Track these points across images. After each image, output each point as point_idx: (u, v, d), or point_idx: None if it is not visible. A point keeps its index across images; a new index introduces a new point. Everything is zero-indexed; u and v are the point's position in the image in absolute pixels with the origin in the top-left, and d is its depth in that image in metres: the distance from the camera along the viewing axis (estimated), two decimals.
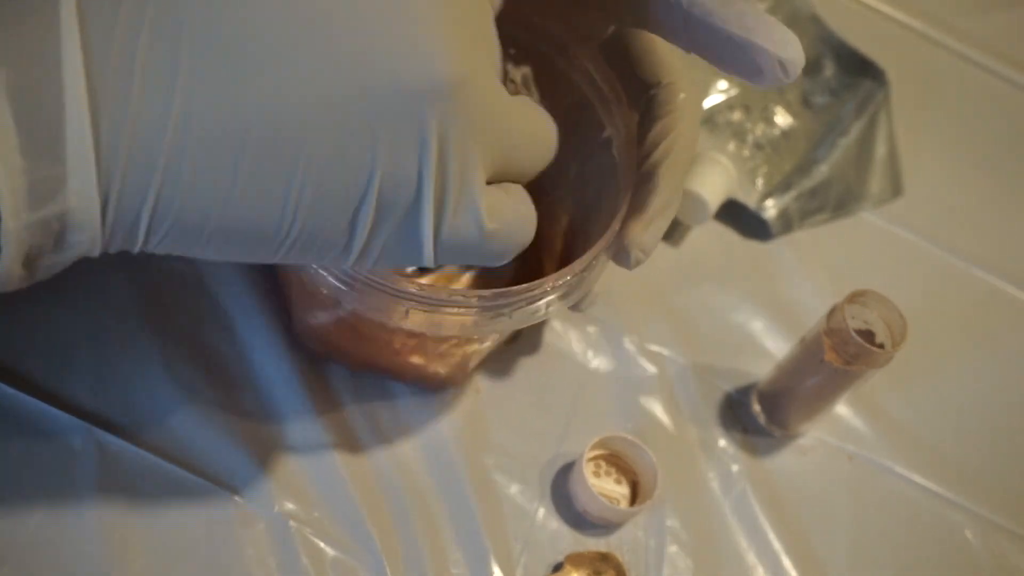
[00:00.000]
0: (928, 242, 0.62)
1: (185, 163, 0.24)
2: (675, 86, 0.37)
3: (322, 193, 0.25)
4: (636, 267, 0.37)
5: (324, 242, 0.26)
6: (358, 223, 0.26)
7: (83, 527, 0.42)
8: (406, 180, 0.26)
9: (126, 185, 0.24)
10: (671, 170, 0.37)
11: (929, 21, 0.72)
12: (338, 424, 0.48)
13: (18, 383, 0.44)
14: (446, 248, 0.27)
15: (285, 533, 0.44)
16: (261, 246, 0.26)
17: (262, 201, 0.25)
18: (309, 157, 0.25)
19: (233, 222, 0.25)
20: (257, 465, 0.45)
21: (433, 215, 0.26)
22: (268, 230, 0.26)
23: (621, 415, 0.52)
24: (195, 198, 0.24)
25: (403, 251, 0.27)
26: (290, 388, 0.48)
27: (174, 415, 0.46)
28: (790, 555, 0.50)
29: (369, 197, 0.26)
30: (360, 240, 0.26)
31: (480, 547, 0.46)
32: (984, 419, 0.57)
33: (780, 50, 0.31)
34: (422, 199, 0.26)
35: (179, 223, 0.25)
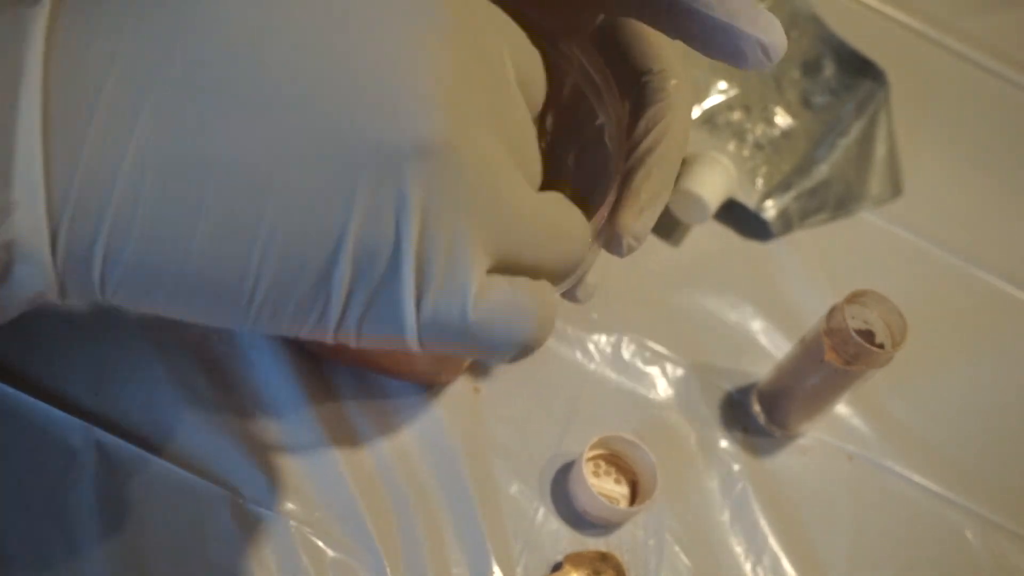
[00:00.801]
0: (928, 242, 0.62)
1: (139, 209, 0.23)
2: (666, 73, 0.37)
3: (289, 253, 0.24)
4: (628, 255, 0.37)
5: (296, 308, 0.25)
6: (332, 287, 0.24)
7: (83, 527, 0.42)
8: (384, 244, 0.24)
9: (76, 222, 0.23)
10: (663, 157, 0.37)
11: (929, 21, 0.72)
12: (338, 424, 0.48)
13: (18, 383, 0.44)
14: (432, 326, 0.25)
15: (285, 533, 0.44)
16: (229, 304, 0.25)
17: (223, 253, 0.24)
18: (274, 214, 0.24)
19: (193, 272, 0.24)
20: (257, 465, 0.45)
21: (414, 287, 0.25)
22: (230, 290, 0.24)
23: (621, 415, 0.52)
24: (150, 247, 0.23)
25: (386, 322, 0.25)
26: (289, 388, 0.48)
27: (174, 415, 0.46)
28: (790, 555, 0.50)
29: (341, 260, 0.24)
30: (336, 305, 0.25)
31: (480, 547, 0.46)
32: (984, 419, 0.57)
33: (762, 33, 0.31)
34: (401, 267, 0.24)
35: (135, 268, 0.24)
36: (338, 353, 0.48)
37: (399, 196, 0.24)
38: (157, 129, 0.23)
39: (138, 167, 0.23)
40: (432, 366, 0.47)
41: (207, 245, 0.24)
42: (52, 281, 0.24)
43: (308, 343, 0.48)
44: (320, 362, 0.49)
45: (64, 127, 0.23)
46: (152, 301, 0.25)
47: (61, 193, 0.23)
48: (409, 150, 0.24)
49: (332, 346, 0.47)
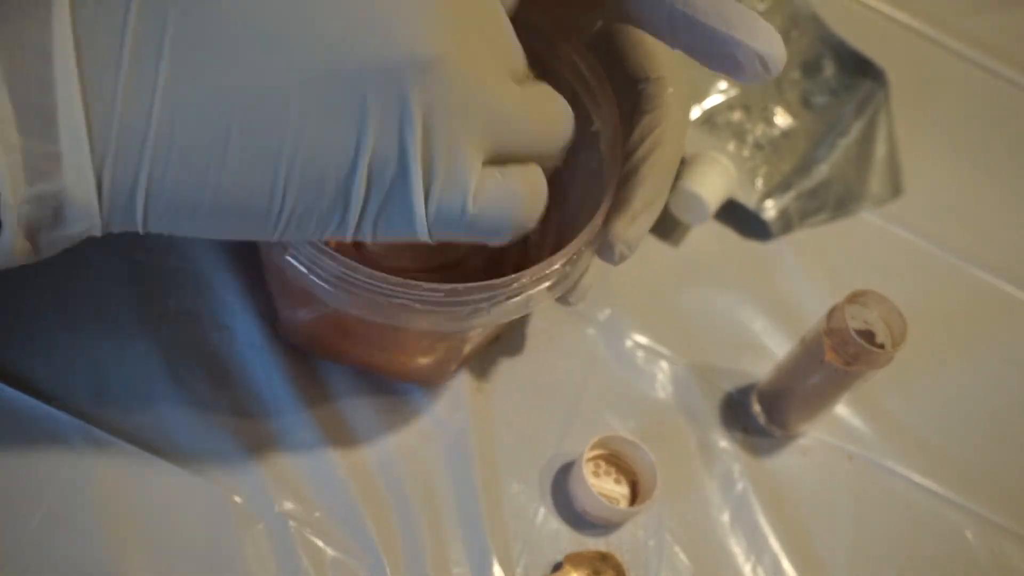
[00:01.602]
0: (928, 242, 0.62)
1: (174, 142, 0.25)
2: (664, 80, 0.37)
3: (311, 168, 0.26)
4: (621, 262, 0.37)
5: (319, 215, 0.27)
6: (351, 196, 0.27)
7: (83, 527, 0.42)
8: (393, 153, 0.27)
9: (119, 163, 0.25)
10: (658, 165, 0.37)
11: (929, 21, 0.72)
12: (337, 424, 0.48)
13: (18, 383, 0.44)
14: (438, 221, 0.28)
15: (285, 533, 0.44)
16: (258, 222, 0.27)
17: (252, 178, 0.26)
18: (295, 134, 0.26)
19: (227, 199, 0.26)
20: (256, 465, 0.45)
21: (422, 188, 0.27)
22: (262, 206, 0.26)
23: (621, 415, 0.52)
24: (186, 176, 0.25)
25: (398, 221, 0.28)
26: (289, 388, 0.48)
27: (173, 415, 0.46)
28: (790, 555, 0.50)
29: (358, 170, 0.26)
30: (354, 212, 0.27)
31: (481, 546, 0.46)
32: (984, 419, 0.57)
33: (761, 46, 0.31)
34: (409, 172, 0.27)
35: (174, 200, 0.26)
36: (338, 354, 0.48)
37: (403, 108, 0.26)
38: (180, 67, 0.25)
39: (168, 107, 0.25)
40: (429, 366, 0.47)
41: (237, 172, 0.26)
42: (98, 221, 0.26)
43: (295, 340, 0.48)
44: (319, 361, 0.49)
45: (97, 74, 0.24)
46: (189, 228, 0.27)
47: (102, 139, 0.25)
48: (408, 65, 0.26)
49: (331, 347, 0.47)
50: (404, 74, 0.26)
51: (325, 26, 0.25)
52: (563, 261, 0.37)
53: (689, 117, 0.39)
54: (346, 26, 0.25)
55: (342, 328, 0.44)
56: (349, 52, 0.25)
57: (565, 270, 0.37)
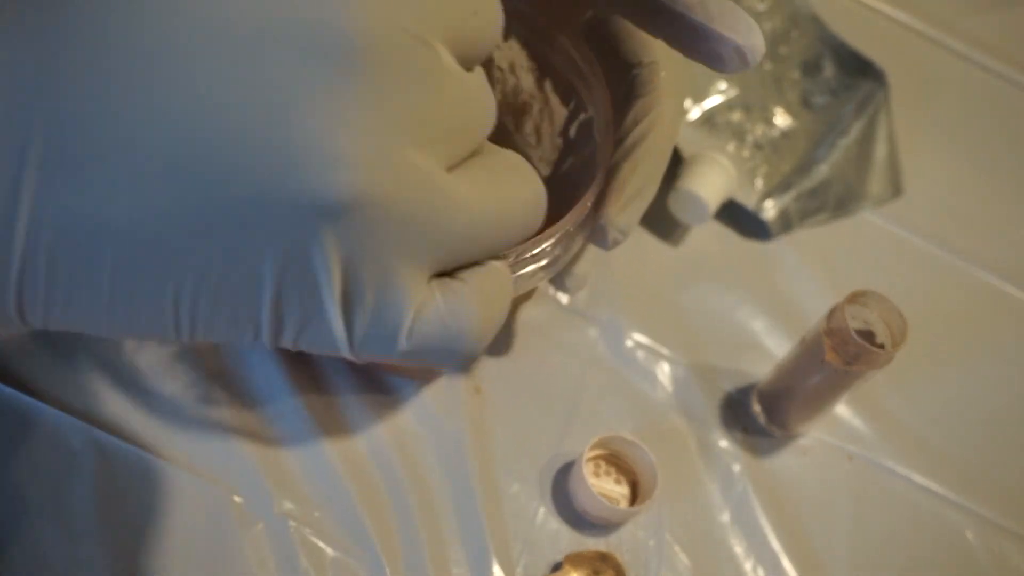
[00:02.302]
0: (928, 242, 0.62)
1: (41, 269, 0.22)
2: (656, 66, 0.37)
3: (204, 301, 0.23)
4: (613, 247, 0.37)
5: (228, 335, 0.24)
6: (260, 326, 0.24)
7: (82, 527, 0.42)
8: (306, 292, 0.23)
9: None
10: (651, 150, 0.37)
11: (929, 21, 0.72)
12: (338, 425, 0.48)
13: (18, 383, 0.45)
14: (368, 350, 0.24)
15: (284, 533, 0.44)
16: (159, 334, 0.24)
17: (134, 311, 0.23)
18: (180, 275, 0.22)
19: (111, 323, 0.23)
20: (256, 465, 0.45)
21: (342, 324, 0.24)
22: (155, 324, 0.23)
23: (621, 415, 0.52)
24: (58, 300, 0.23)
25: (321, 345, 0.24)
26: (289, 388, 0.48)
27: (173, 415, 0.46)
28: (790, 555, 0.50)
29: (264, 307, 0.23)
30: (267, 337, 0.24)
31: (480, 546, 0.46)
32: (984, 419, 0.57)
33: (740, 37, 0.31)
34: (325, 310, 0.23)
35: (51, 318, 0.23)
36: None
37: (315, 253, 0.22)
38: (46, 188, 0.21)
39: (34, 227, 0.21)
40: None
41: (117, 301, 0.23)
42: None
43: None
44: (319, 361, 0.49)
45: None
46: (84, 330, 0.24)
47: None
48: (322, 212, 0.22)
49: None
50: (316, 219, 0.22)
51: (220, 159, 0.21)
52: (550, 241, 0.36)
53: (683, 102, 0.39)
54: (247, 160, 0.21)
55: None
56: (249, 188, 0.21)
57: (554, 252, 0.37)
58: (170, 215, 0.22)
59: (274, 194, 0.21)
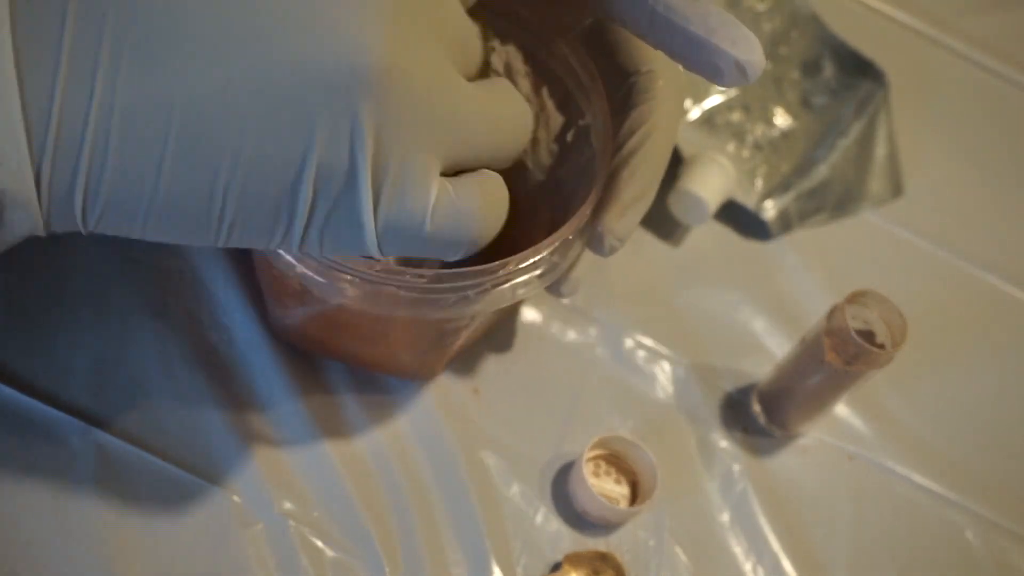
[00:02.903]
0: (928, 242, 0.62)
1: (111, 145, 0.25)
2: (654, 74, 0.37)
3: (252, 178, 0.26)
4: (611, 254, 0.37)
5: (262, 225, 0.27)
6: (296, 208, 0.26)
7: (82, 527, 0.42)
8: (340, 166, 0.26)
9: (56, 164, 0.25)
10: (648, 158, 0.37)
11: (929, 21, 0.72)
12: (337, 424, 0.48)
13: (18, 383, 0.45)
14: (389, 236, 0.27)
15: (284, 533, 0.44)
16: (199, 229, 0.27)
17: (190, 185, 0.26)
18: (236, 143, 0.25)
19: (164, 204, 0.26)
20: (256, 465, 0.45)
21: (371, 204, 0.27)
22: (200, 213, 0.26)
23: (621, 415, 0.52)
24: (124, 179, 0.25)
25: (346, 237, 0.27)
26: (288, 388, 0.48)
27: (173, 415, 0.46)
28: (790, 555, 0.50)
29: (304, 182, 0.26)
30: (299, 225, 0.27)
31: (480, 547, 0.46)
32: (984, 419, 0.57)
33: (740, 52, 0.31)
34: (358, 186, 0.26)
35: (112, 203, 0.26)
36: (328, 349, 0.48)
37: (352, 121, 0.26)
38: (116, 71, 0.25)
39: (105, 109, 0.25)
40: (415, 361, 0.47)
41: (173, 178, 0.25)
42: (39, 220, 0.26)
43: (284, 337, 0.48)
44: (319, 361, 0.49)
45: (36, 77, 0.24)
46: (130, 229, 0.27)
47: (40, 140, 0.25)
48: (358, 78, 0.25)
49: (321, 342, 0.47)
50: (353, 87, 0.25)
51: (270, 37, 0.25)
52: (549, 250, 0.37)
53: (681, 110, 0.39)
54: (293, 36, 0.25)
55: (330, 322, 0.44)
56: (295, 63, 0.25)
57: (553, 259, 0.37)
58: (227, 90, 0.25)
59: (317, 64, 0.25)
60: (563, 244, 0.37)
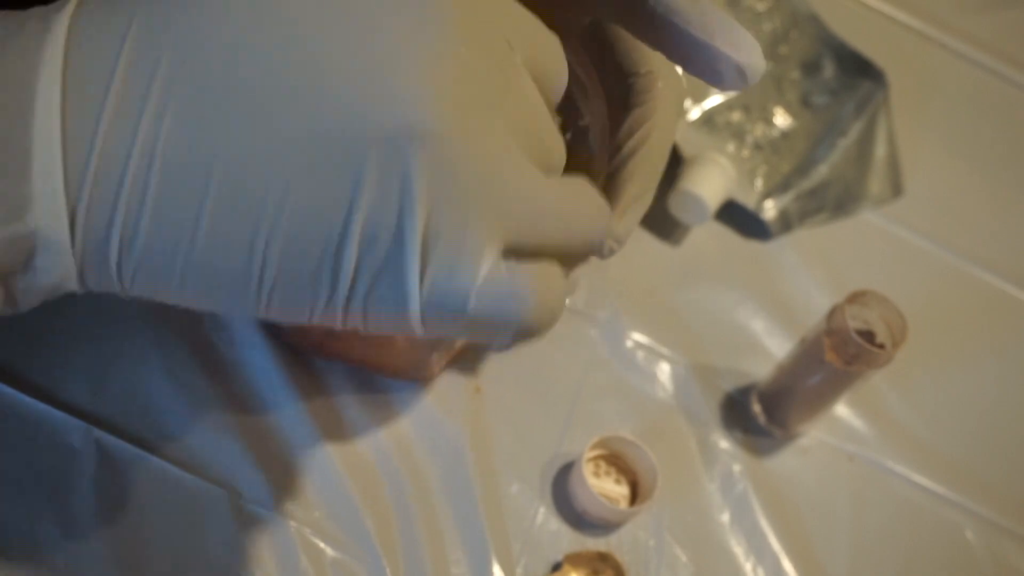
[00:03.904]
0: (928, 242, 0.62)
1: (149, 194, 0.24)
2: (653, 75, 0.37)
3: (294, 235, 0.25)
4: (609, 256, 0.37)
5: (305, 287, 0.26)
6: (340, 268, 0.25)
7: (82, 527, 0.42)
8: (389, 226, 0.25)
9: (92, 210, 0.24)
10: (647, 159, 0.37)
11: (929, 21, 0.72)
12: (338, 425, 0.48)
13: (18, 383, 0.45)
14: (432, 309, 0.26)
15: (285, 533, 0.44)
16: (238, 289, 0.26)
17: (229, 239, 0.25)
18: (280, 197, 0.24)
19: (203, 260, 0.25)
20: (256, 465, 0.45)
21: (418, 268, 0.25)
22: (240, 271, 0.25)
23: (621, 415, 0.52)
24: (161, 229, 0.24)
25: (391, 302, 0.26)
26: (289, 389, 0.48)
27: (173, 416, 0.46)
28: (790, 555, 0.50)
29: (348, 242, 0.25)
30: (344, 287, 0.26)
31: (480, 546, 0.46)
32: (984, 419, 0.57)
33: (740, 55, 0.31)
34: (405, 249, 0.25)
35: (149, 255, 0.25)
36: (328, 350, 0.48)
37: (404, 180, 0.25)
38: (162, 121, 0.24)
39: (146, 158, 0.24)
40: (413, 361, 0.47)
41: (212, 231, 0.24)
42: (72, 269, 0.25)
43: (290, 336, 0.48)
44: (318, 362, 0.49)
45: (79, 117, 0.24)
46: (167, 288, 0.26)
47: (78, 181, 0.24)
48: (413, 136, 0.24)
49: (320, 343, 0.47)
50: (408, 143, 0.24)
51: (326, 92, 0.24)
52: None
53: (680, 112, 0.39)
54: (349, 92, 0.24)
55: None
56: (348, 118, 0.24)
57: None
58: (273, 144, 0.24)
59: (371, 119, 0.24)
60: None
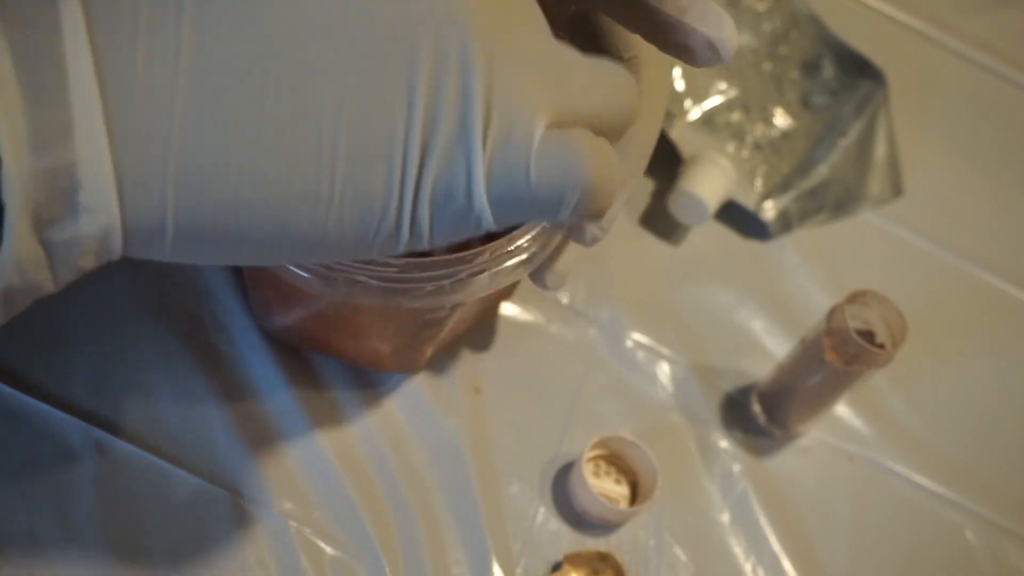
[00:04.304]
0: (928, 242, 0.62)
1: (203, 107, 0.22)
2: (638, 60, 0.37)
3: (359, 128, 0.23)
4: (593, 244, 0.36)
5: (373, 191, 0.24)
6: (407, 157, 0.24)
7: (82, 527, 0.42)
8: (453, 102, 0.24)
9: (139, 133, 0.21)
10: (632, 145, 0.36)
11: (929, 21, 0.72)
12: (338, 425, 0.48)
13: (18, 383, 0.45)
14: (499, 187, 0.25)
15: (284, 533, 0.44)
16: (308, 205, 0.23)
17: (295, 146, 0.23)
18: (337, 91, 0.23)
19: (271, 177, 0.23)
20: (256, 465, 0.45)
21: (481, 144, 0.24)
22: (309, 181, 0.23)
23: (621, 415, 0.52)
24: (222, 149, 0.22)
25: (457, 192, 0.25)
26: (288, 388, 0.48)
27: (173, 416, 0.46)
28: (790, 555, 0.50)
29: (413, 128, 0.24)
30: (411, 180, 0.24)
31: (480, 546, 0.46)
32: (984, 419, 0.57)
33: (711, 30, 0.31)
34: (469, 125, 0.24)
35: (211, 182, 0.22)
36: (316, 343, 0.48)
37: (462, 57, 0.24)
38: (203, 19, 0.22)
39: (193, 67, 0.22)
40: (397, 354, 0.47)
41: (277, 142, 0.23)
42: (116, 212, 0.22)
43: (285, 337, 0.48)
44: (318, 362, 0.49)
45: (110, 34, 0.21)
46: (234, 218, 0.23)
47: (118, 105, 0.21)
48: (465, 11, 0.24)
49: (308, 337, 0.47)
50: (461, 19, 0.24)
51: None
52: (527, 237, 0.37)
53: (667, 96, 0.38)
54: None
55: (311, 315, 0.44)
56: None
57: (531, 248, 0.37)
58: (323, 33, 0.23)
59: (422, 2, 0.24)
60: (542, 232, 0.37)
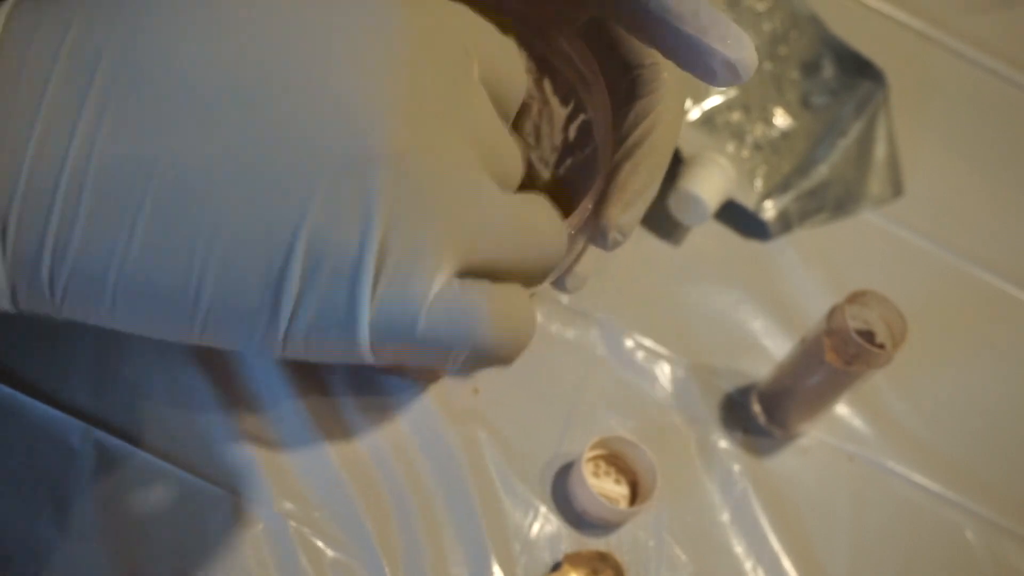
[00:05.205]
0: (928, 242, 0.62)
1: (84, 200, 0.23)
2: (657, 67, 0.37)
3: (233, 257, 0.23)
4: (614, 248, 0.37)
5: (244, 313, 0.24)
6: (282, 291, 0.24)
7: (82, 527, 0.42)
8: (343, 246, 0.23)
9: (24, 220, 0.23)
10: (653, 150, 0.37)
11: (928, 21, 0.72)
12: (337, 425, 0.48)
13: (18, 383, 0.45)
14: (381, 329, 0.24)
15: (284, 533, 0.44)
16: (173, 312, 0.24)
17: (164, 257, 0.23)
18: (218, 217, 0.23)
19: (136, 278, 0.23)
20: (256, 465, 0.45)
21: (370, 289, 0.24)
22: (175, 292, 0.24)
23: (621, 415, 0.52)
24: (94, 240, 0.23)
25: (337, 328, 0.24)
26: (288, 389, 0.48)
27: (173, 416, 0.46)
28: (790, 555, 0.50)
29: (293, 262, 0.23)
30: (285, 311, 0.24)
31: (480, 546, 0.46)
32: (984, 419, 0.57)
33: (731, 52, 0.31)
34: (360, 270, 0.24)
35: (80, 270, 0.23)
36: None
37: (361, 202, 0.23)
38: (98, 129, 0.23)
39: (80, 167, 0.23)
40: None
41: (148, 245, 0.23)
42: (3, 282, 0.23)
43: None
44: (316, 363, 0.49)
45: (10, 123, 0.22)
46: (98, 307, 0.24)
47: (8, 191, 0.23)
48: (373, 154, 0.23)
49: None
50: (367, 164, 0.23)
51: (273, 107, 0.23)
52: None
53: (684, 103, 0.39)
54: (299, 110, 0.23)
55: None
56: (298, 137, 0.23)
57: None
58: (215, 158, 0.23)
59: (323, 140, 0.23)
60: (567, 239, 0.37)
